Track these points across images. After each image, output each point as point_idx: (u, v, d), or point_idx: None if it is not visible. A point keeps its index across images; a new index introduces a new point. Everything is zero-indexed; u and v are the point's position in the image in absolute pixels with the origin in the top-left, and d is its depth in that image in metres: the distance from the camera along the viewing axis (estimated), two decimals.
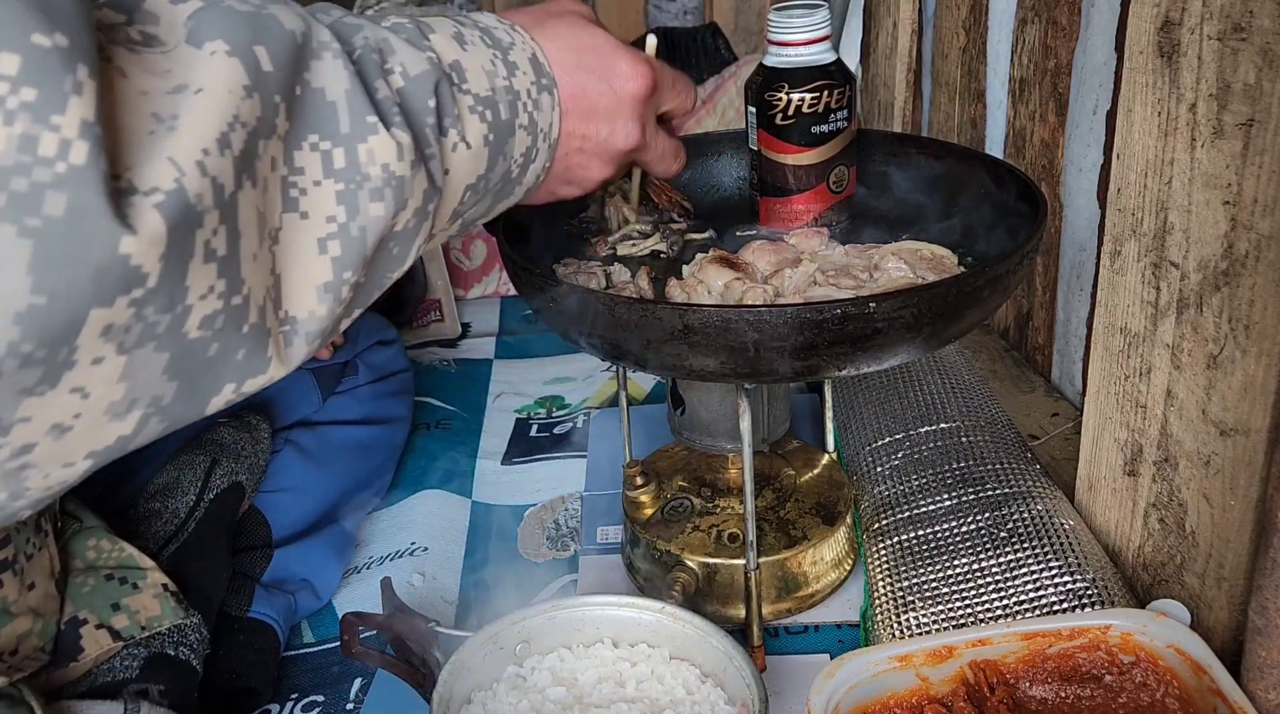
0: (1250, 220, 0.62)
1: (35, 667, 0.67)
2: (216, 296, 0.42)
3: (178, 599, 0.73)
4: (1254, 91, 0.60)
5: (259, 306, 0.45)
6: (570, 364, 1.33)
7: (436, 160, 0.53)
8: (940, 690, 0.66)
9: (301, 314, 0.48)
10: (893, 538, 0.84)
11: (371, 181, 0.49)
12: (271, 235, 0.46)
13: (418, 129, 0.52)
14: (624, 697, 0.67)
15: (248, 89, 0.43)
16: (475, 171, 0.57)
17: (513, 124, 0.59)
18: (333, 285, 0.48)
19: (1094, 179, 1.01)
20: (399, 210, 0.50)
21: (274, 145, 0.45)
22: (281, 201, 0.46)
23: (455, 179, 0.56)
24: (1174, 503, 0.73)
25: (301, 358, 0.49)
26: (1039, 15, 1.08)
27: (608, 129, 0.65)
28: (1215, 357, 0.66)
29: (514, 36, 0.60)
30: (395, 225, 0.51)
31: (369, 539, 0.99)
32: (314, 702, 0.80)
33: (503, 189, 0.61)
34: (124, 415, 0.41)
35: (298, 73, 0.46)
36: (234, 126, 0.42)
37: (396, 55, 0.53)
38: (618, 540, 0.96)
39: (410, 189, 0.51)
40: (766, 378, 0.69)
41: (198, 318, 0.41)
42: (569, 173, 0.66)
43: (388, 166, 0.49)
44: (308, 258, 0.47)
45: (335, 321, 0.50)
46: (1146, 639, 0.65)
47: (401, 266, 0.54)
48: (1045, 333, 1.15)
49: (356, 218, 0.49)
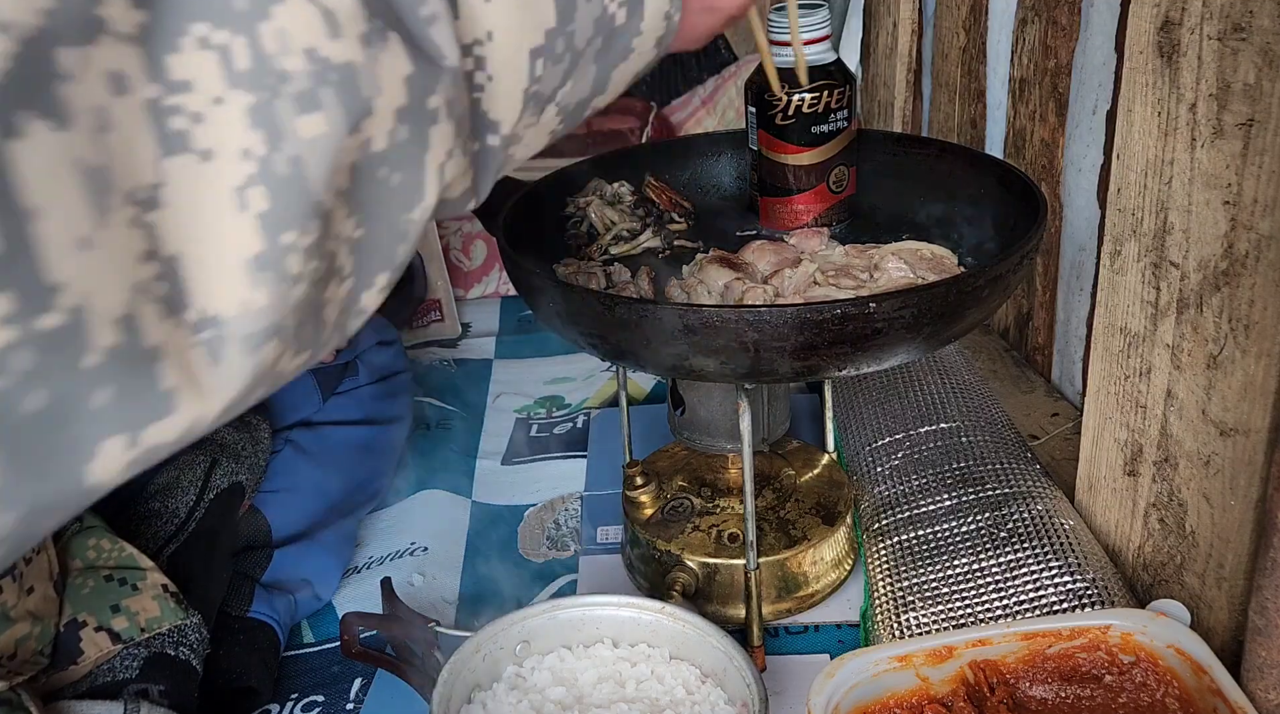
0: (1250, 220, 0.62)
1: (34, 670, 0.67)
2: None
3: (177, 600, 0.73)
4: (1254, 91, 0.60)
5: (115, 320, 0.29)
6: (570, 364, 1.33)
7: (441, 23, 0.35)
8: (940, 690, 0.66)
9: (229, 310, 0.32)
10: (893, 538, 0.84)
11: (292, 81, 0.32)
12: (139, 198, 0.30)
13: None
14: (624, 697, 0.67)
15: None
16: (539, 24, 0.39)
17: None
18: (268, 256, 0.32)
19: (1094, 179, 1.01)
20: (359, 118, 0.33)
21: (110, 53, 0.29)
22: (156, 140, 0.30)
23: (505, 43, 0.38)
24: (1174, 503, 0.73)
25: (246, 376, 0.32)
26: (1039, 15, 1.08)
27: None
28: (1215, 356, 0.66)
29: None
30: (367, 143, 0.34)
31: (369, 539, 0.99)
32: (314, 702, 0.80)
33: (608, 45, 0.42)
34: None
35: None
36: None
37: None
38: (618, 540, 0.96)
39: (370, 81, 0.33)
40: (766, 378, 0.69)
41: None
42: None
43: (314, 52, 0.32)
44: (221, 220, 0.31)
45: (300, 310, 0.34)
46: (1146, 639, 0.65)
47: (421, 200, 0.37)
48: (1045, 333, 1.15)
49: (282, 145, 0.32)
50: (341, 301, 0.36)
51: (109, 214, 0.29)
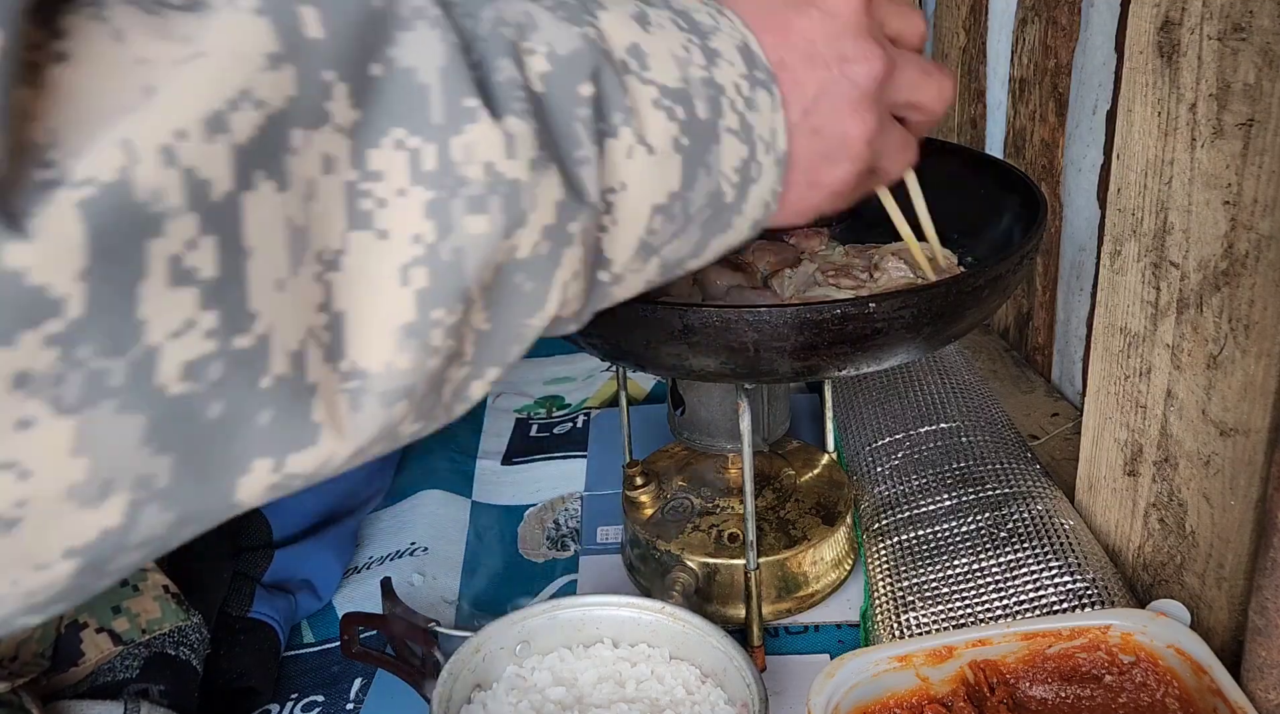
0: (1250, 220, 0.62)
1: (35, 672, 0.67)
2: (202, 335, 0.31)
3: (178, 600, 0.73)
4: (1254, 91, 0.60)
5: (290, 352, 0.34)
6: (570, 364, 1.33)
7: (591, 166, 0.41)
8: (940, 690, 0.66)
9: (375, 367, 0.36)
10: (893, 538, 0.84)
11: (469, 186, 0.37)
12: (325, 258, 0.35)
13: (558, 123, 0.40)
14: (624, 697, 0.67)
15: (274, 58, 0.32)
16: (664, 186, 0.44)
17: (715, 126, 0.45)
18: (417, 327, 0.37)
19: (1094, 179, 1.01)
20: (514, 227, 0.38)
21: (327, 139, 0.35)
22: (346, 215, 0.35)
23: (634, 196, 0.43)
24: (1174, 503, 0.73)
25: (377, 427, 0.37)
26: (1039, 15, 1.08)
27: (837, 57, 0.49)
28: (1215, 356, 0.66)
29: (720, 20, 0.47)
30: (514, 249, 0.39)
31: (369, 539, 0.99)
32: (314, 702, 0.80)
33: (715, 217, 0.48)
34: (98, 502, 0.30)
35: (374, 47, 0.36)
36: (238, 104, 0.32)
37: (541, 32, 0.41)
38: (618, 540, 0.96)
39: (530, 197, 0.39)
40: (766, 378, 0.69)
41: (174, 365, 0.31)
42: (819, 139, 0.50)
43: (492, 166, 0.38)
44: (385, 291, 0.36)
45: (431, 379, 0.38)
46: (1146, 639, 0.65)
47: (543, 309, 0.42)
48: (1045, 333, 1.15)
49: (449, 236, 0.37)
50: (457, 384, 0.41)
51: (301, 266, 0.34)
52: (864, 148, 0.52)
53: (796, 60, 0.49)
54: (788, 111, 0.49)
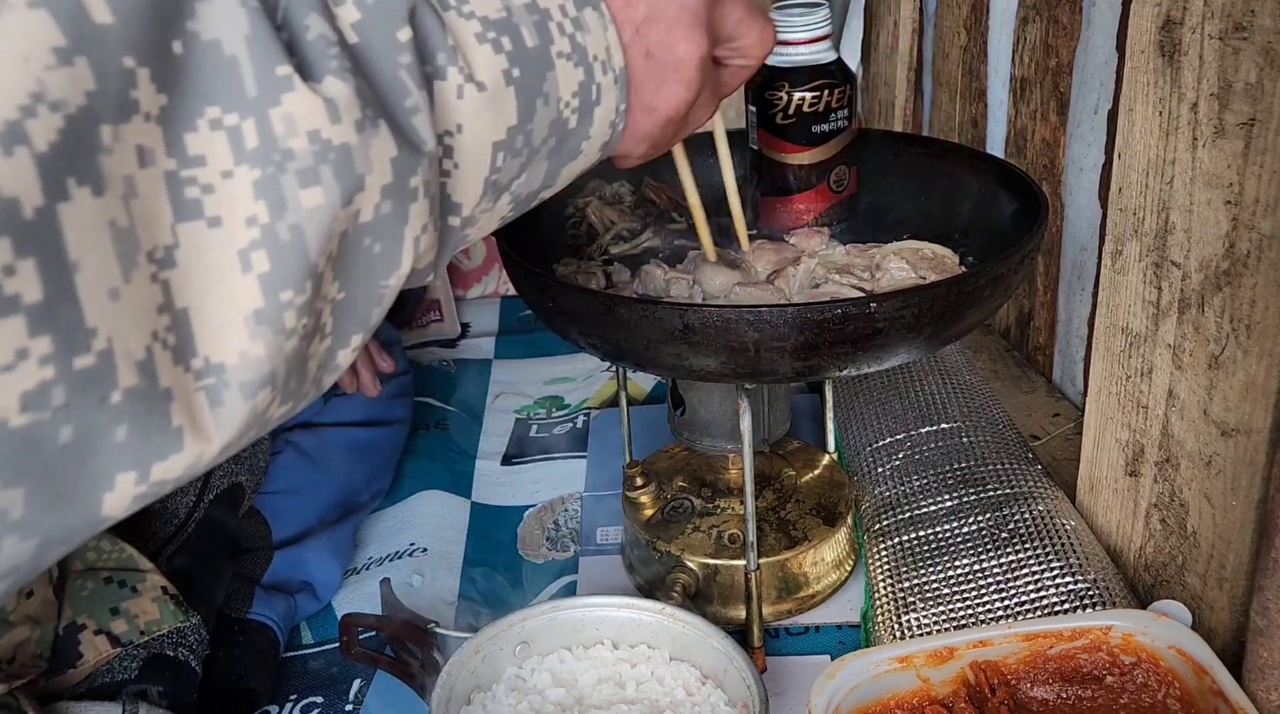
0: (1252, 220, 0.61)
1: (33, 674, 0.67)
2: (37, 362, 0.30)
3: (177, 602, 0.73)
4: (1255, 91, 0.60)
5: (136, 362, 0.32)
6: (570, 364, 1.33)
7: (422, 114, 0.40)
8: (941, 691, 0.65)
9: (229, 359, 0.35)
10: (893, 539, 0.83)
11: (296, 159, 0.36)
12: (157, 257, 0.33)
13: (380, 74, 0.39)
14: (624, 698, 0.67)
15: (61, 53, 0.30)
16: (502, 122, 0.43)
17: (546, 53, 0.44)
18: (267, 312, 0.35)
19: (1095, 178, 1.01)
20: (352, 192, 0.37)
21: (138, 129, 0.33)
22: (172, 207, 0.34)
23: (473, 136, 0.42)
24: (1175, 503, 0.73)
25: (241, 421, 0.36)
26: (1040, 14, 1.08)
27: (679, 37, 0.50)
28: (1217, 357, 0.66)
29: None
30: (357, 214, 0.38)
31: (368, 540, 0.99)
32: (313, 703, 0.80)
33: (561, 146, 0.47)
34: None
35: (172, 22, 0.33)
36: (33, 110, 0.29)
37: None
38: (618, 541, 0.96)
39: (363, 160, 0.37)
40: (767, 378, 0.69)
41: (11, 398, 0.30)
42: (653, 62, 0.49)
43: (316, 133, 0.36)
44: (226, 280, 0.35)
45: (291, 362, 0.37)
46: (1148, 640, 0.65)
47: (396, 269, 0.41)
48: (1046, 333, 1.15)
49: (284, 214, 0.35)
50: (321, 357, 0.40)
51: (133, 270, 0.32)
52: (695, 72, 0.51)
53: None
54: (620, 30, 0.48)
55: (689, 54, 0.50)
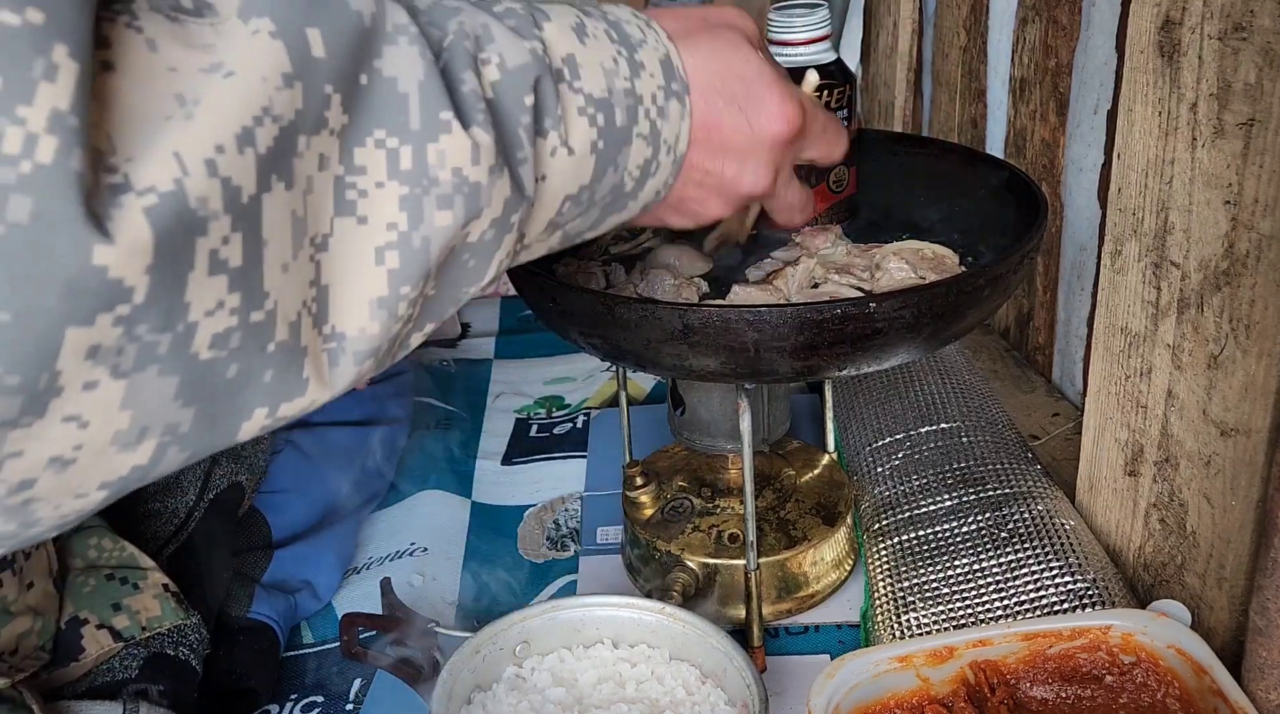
0: (1251, 220, 0.62)
1: (35, 667, 0.67)
2: (228, 312, 0.37)
3: (178, 599, 0.73)
4: (1255, 91, 0.60)
5: (289, 322, 0.40)
6: (570, 364, 1.33)
7: (528, 165, 0.48)
8: (941, 691, 0.65)
9: (351, 331, 0.43)
10: (893, 538, 0.83)
11: (440, 186, 0.43)
12: (316, 242, 0.41)
13: (506, 129, 0.47)
14: (624, 697, 0.67)
15: (288, 78, 0.38)
16: (577, 181, 0.51)
17: (629, 131, 0.52)
18: (388, 300, 0.43)
19: (1094, 179, 1.01)
20: (471, 219, 0.45)
21: (323, 141, 0.40)
22: (334, 204, 0.41)
23: (552, 187, 0.50)
24: (1175, 503, 0.73)
25: (349, 380, 0.44)
26: (1039, 14, 1.08)
27: (735, 169, 0.58)
28: (1216, 356, 0.66)
29: (647, 34, 0.54)
30: (467, 236, 0.46)
31: (369, 539, 0.99)
32: (313, 702, 0.80)
33: (613, 202, 0.55)
34: (135, 445, 0.37)
35: (363, 60, 0.41)
36: (261, 120, 0.37)
37: (495, 44, 0.47)
38: (618, 541, 0.96)
39: (487, 197, 0.45)
40: (767, 378, 0.69)
41: (206, 336, 0.37)
42: (683, 203, 0.59)
43: (460, 170, 0.44)
44: (362, 268, 0.42)
45: (392, 341, 0.45)
46: (1147, 640, 0.65)
47: (479, 281, 0.49)
48: (1046, 333, 1.15)
49: (420, 227, 0.43)
50: (402, 338, 0.47)
51: (300, 250, 0.40)
52: (708, 221, 0.61)
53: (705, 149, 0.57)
54: (690, 148, 0.56)
55: (712, 214, 0.60)
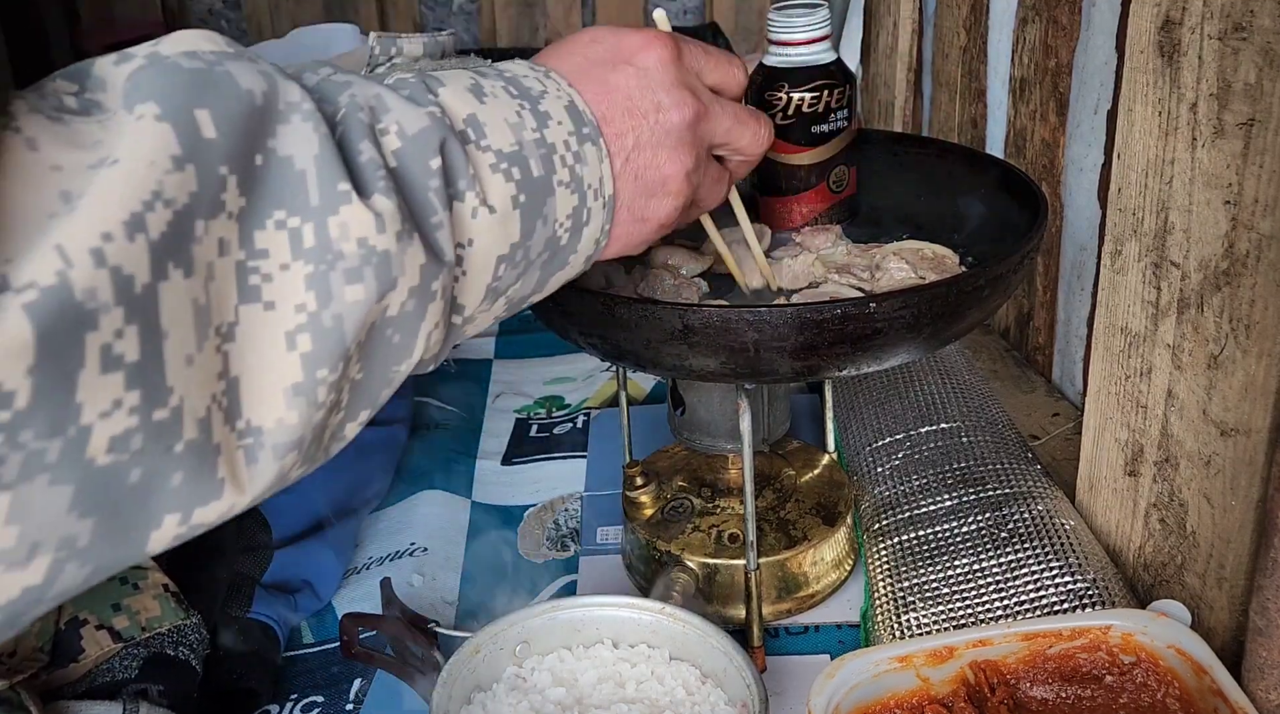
0: (1251, 220, 0.62)
1: (35, 668, 0.67)
2: (127, 412, 0.35)
3: (178, 599, 0.73)
4: (1255, 91, 0.60)
5: (198, 419, 0.38)
6: (570, 364, 1.33)
7: (444, 230, 0.46)
8: (941, 691, 0.65)
9: (268, 423, 0.41)
10: (893, 538, 0.83)
11: (346, 259, 0.42)
12: (222, 331, 0.39)
13: (414, 195, 0.46)
14: (624, 697, 0.67)
15: (177, 160, 0.37)
16: (506, 239, 0.50)
17: (549, 181, 0.51)
18: (304, 386, 0.41)
19: (1095, 179, 1.01)
20: (386, 291, 0.43)
21: (221, 225, 0.39)
22: (237, 290, 0.40)
23: (481, 250, 0.49)
24: (1175, 503, 0.73)
25: (271, 478, 0.41)
26: (1039, 14, 1.08)
27: (652, 106, 0.56)
28: (1216, 356, 0.66)
29: (547, 84, 0.53)
30: (385, 309, 0.44)
31: (369, 540, 0.99)
32: (313, 702, 0.80)
33: (552, 259, 0.53)
34: (24, 563, 0.34)
35: (257, 139, 0.40)
36: (152, 205, 0.36)
37: (392, 114, 0.46)
38: (618, 541, 0.96)
39: (399, 265, 0.44)
40: (767, 378, 0.69)
41: (103, 440, 0.34)
42: (640, 182, 0.56)
43: (365, 241, 0.42)
44: (273, 356, 0.41)
45: (317, 430, 0.43)
46: (1147, 640, 0.65)
47: (409, 357, 0.47)
48: (1046, 333, 1.15)
49: (330, 304, 0.41)
50: (334, 428, 0.46)
51: (205, 341, 0.38)
52: (683, 184, 0.58)
53: (616, 113, 0.55)
54: (612, 161, 0.55)
55: (673, 171, 0.57)
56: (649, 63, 0.56)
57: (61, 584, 0.35)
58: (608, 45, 0.57)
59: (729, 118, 0.60)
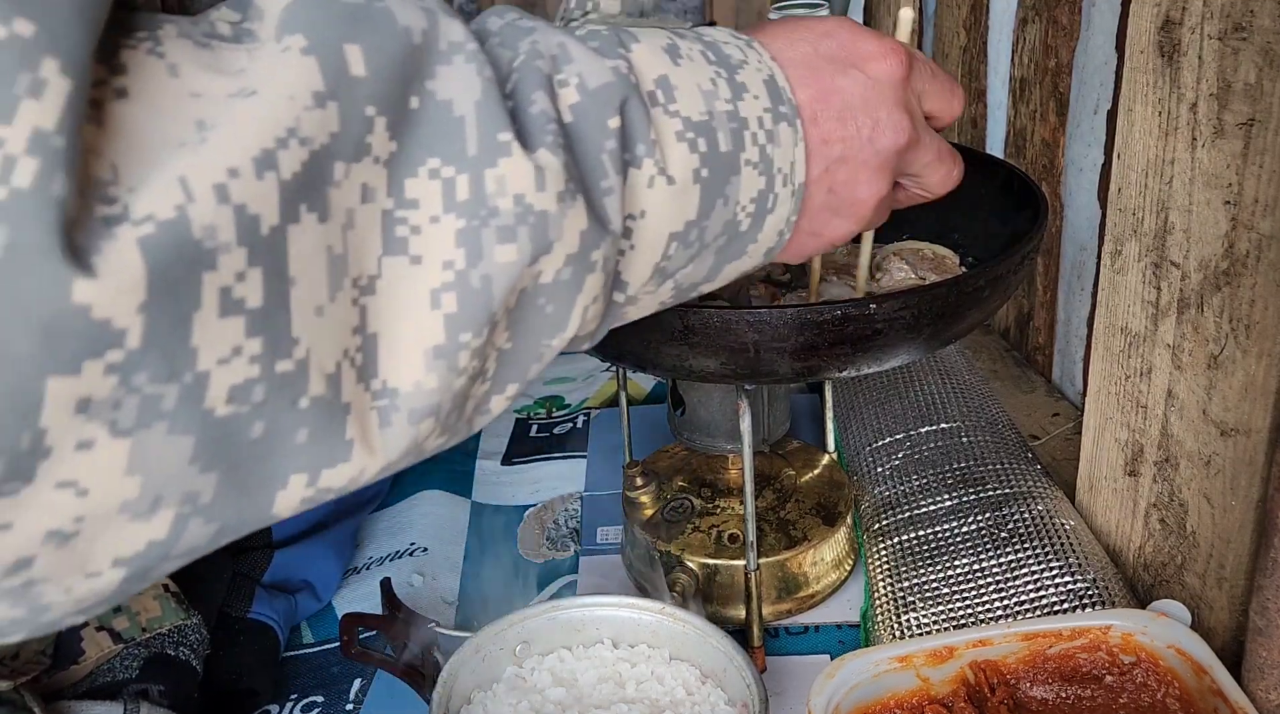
0: (1251, 220, 0.61)
1: (37, 670, 0.67)
2: (247, 360, 0.33)
3: (178, 599, 0.73)
4: (1254, 91, 0.60)
5: (326, 374, 0.35)
6: (570, 364, 1.33)
7: (614, 197, 0.42)
8: (941, 691, 0.65)
9: (405, 386, 0.38)
10: (893, 538, 0.83)
11: (500, 216, 0.38)
12: (361, 284, 0.36)
13: (585, 154, 0.42)
14: (624, 697, 0.67)
15: (319, 96, 0.34)
16: (682, 215, 0.45)
17: (736, 158, 0.47)
18: (445, 349, 0.38)
19: (1095, 179, 1.01)
20: (540, 254, 0.40)
21: (366, 170, 0.36)
22: (382, 242, 0.37)
23: (653, 224, 0.45)
24: (1175, 503, 0.73)
25: (405, 444, 0.39)
26: (1039, 15, 1.08)
27: (870, 123, 0.51)
28: (1216, 356, 0.66)
29: (748, 54, 0.49)
30: (539, 275, 0.41)
31: (369, 540, 0.99)
32: (314, 702, 0.80)
33: (729, 245, 0.49)
34: (148, 516, 0.32)
35: (413, 81, 0.37)
36: (286, 143, 0.33)
37: (574, 64, 0.42)
38: (618, 541, 0.96)
39: (557, 228, 0.40)
40: (767, 379, 0.69)
41: (222, 389, 0.32)
42: (833, 197, 0.52)
43: (522, 197, 0.39)
44: (417, 314, 0.38)
45: (456, 397, 0.40)
46: (1147, 640, 0.65)
47: (562, 331, 0.43)
48: (1046, 333, 1.15)
49: (479, 264, 0.38)
50: (479, 399, 0.42)
51: (339, 292, 0.36)
52: (869, 210, 0.54)
53: (830, 117, 0.50)
54: (810, 164, 0.50)
55: (869, 197, 0.53)
56: (880, 74, 0.52)
57: (187, 541, 0.34)
58: (841, 42, 0.52)
59: (932, 153, 0.57)
